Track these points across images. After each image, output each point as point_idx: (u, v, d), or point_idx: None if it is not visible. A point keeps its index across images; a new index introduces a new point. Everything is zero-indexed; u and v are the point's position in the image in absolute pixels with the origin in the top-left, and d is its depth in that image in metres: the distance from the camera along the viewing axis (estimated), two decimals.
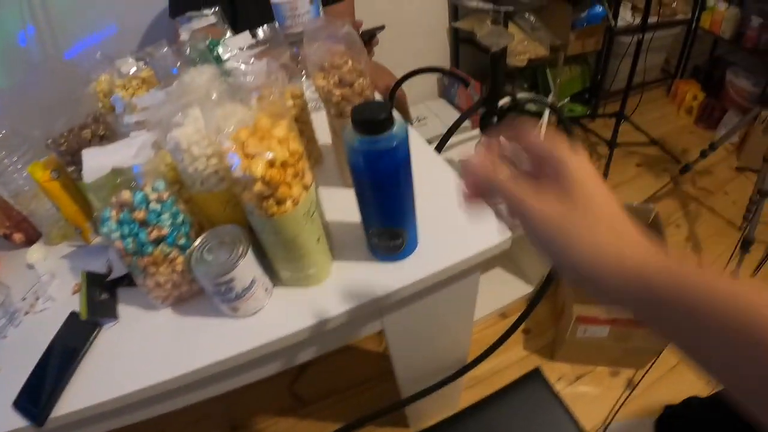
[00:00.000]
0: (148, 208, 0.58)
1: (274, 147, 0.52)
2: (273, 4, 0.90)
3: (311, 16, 0.89)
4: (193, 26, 0.94)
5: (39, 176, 0.74)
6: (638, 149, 2.38)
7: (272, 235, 0.59)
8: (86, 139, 0.76)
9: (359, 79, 0.66)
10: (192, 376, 0.60)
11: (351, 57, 0.67)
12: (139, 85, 0.87)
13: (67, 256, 0.82)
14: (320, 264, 0.65)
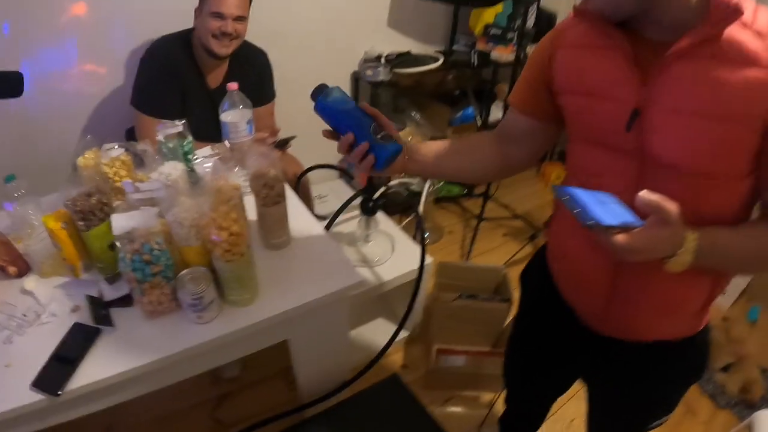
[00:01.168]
0: (152, 253, 1.07)
1: (232, 223, 1.04)
2: (221, 122, 1.43)
3: (246, 132, 1.43)
4: (167, 131, 1.44)
5: (52, 225, 1.17)
6: (506, 222, 3.08)
7: (227, 273, 1.09)
8: (93, 204, 1.18)
9: (277, 184, 1.21)
10: (173, 358, 1.08)
11: (272, 167, 1.22)
12: (120, 166, 1.32)
13: (60, 286, 1.24)
14: (252, 292, 1.16)
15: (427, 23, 2.99)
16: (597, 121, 0.95)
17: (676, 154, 0.86)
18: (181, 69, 1.90)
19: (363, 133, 0.99)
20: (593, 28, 0.93)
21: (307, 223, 1.45)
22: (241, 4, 1.84)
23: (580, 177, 1.03)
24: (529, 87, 1.10)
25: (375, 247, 1.88)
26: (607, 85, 0.91)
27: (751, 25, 0.80)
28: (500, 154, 1.17)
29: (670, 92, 0.84)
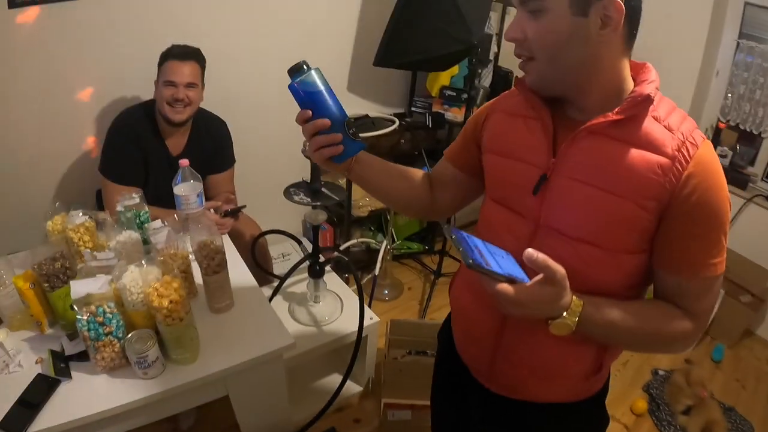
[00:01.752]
0: (104, 316, 1.25)
1: (172, 292, 1.23)
2: (174, 195, 1.64)
3: (197, 204, 1.64)
4: (125, 201, 1.64)
5: (20, 285, 1.34)
6: None
7: (168, 335, 1.27)
8: (57, 268, 1.37)
9: (217, 255, 1.40)
10: (122, 408, 1.24)
11: (213, 240, 1.42)
12: (84, 232, 1.50)
13: (27, 339, 1.40)
14: (192, 352, 1.34)
15: (385, 87, 3.24)
16: (508, 182, 1.06)
17: (566, 220, 0.96)
18: (144, 138, 2.12)
19: (338, 124, 1.01)
20: (526, 101, 1.03)
21: (251, 288, 1.64)
22: (192, 73, 2.08)
23: (483, 232, 1.14)
24: (463, 142, 1.23)
25: (324, 307, 2.06)
26: (523, 150, 1.03)
27: (663, 120, 0.91)
28: (429, 195, 1.28)
29: (575, 163, 0.94)
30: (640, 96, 0.89)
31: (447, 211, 1.35)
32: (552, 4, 0.86)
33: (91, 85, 2.32)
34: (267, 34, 2.69)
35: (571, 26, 0.86)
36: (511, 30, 0.93)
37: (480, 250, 0.86)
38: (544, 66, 0.92)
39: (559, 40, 0.88)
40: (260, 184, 2.73)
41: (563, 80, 0.94)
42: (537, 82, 0.96)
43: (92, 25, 2.20)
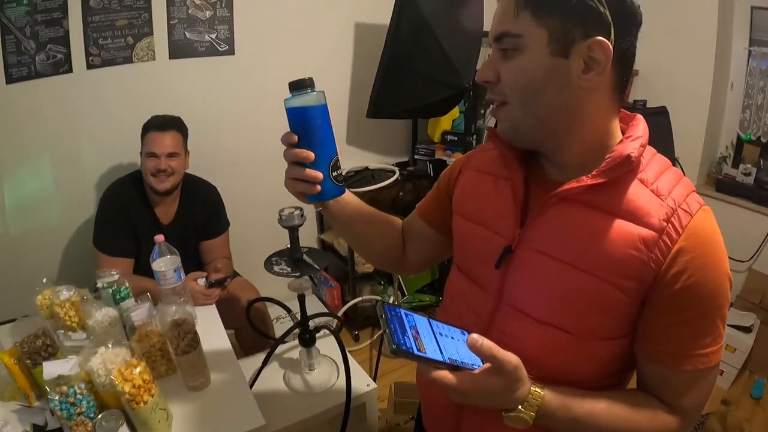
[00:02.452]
0: (75, 396, 1.32)
1: (135, 376, 1.29)
2: (154, 271, 1.72)
3: (175, 280, 1.72)
4: (105, 279, 1.73)
5: (6, 360, 1.39)
6: None
7: (134, 417, 1.32)
8: (38, 346, 1.42)
9: (188, 335, 1.46)
10: None
11: (185, 319, 1.48)
12: (70, 307, 1.57)
13: (16, 411, 1.44)
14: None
15: (386, 136, 3.33)
16: (472, 250, 0.99)
17: (530, 299, 0.87)
18: (133, 208, 2.22)
19: (323, 161, 0.94)
20: (500, 156, 0.95)
21: (230, 365, 1.66)
22: (173, 143, 2.19)
23: (446, 302, 1.10)
24: (435, 197, 1.17)
25: (320, 373, 2.06)
26: (490, 217, 0.95)
27: (650, 183, 0.81)
28: (402, 247, 1.23)
29: (543, 233, 0.85)
30: (620, 157, 0.79)
31: (417, 267, 1.29)
32: (529, 42, 0.79)
33: (86, 156, 2.48)
34: (257, 95, 2.82)
35: (549, 68, 0.79)
36: (482, 71, 0.86)
37: (418, 331, 0.76)
38: (517, 112, 0.84)
39: (533, 82, 0.80)
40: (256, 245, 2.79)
41: (538, 129, 0.84)
42: (510, 131, 0.88)
43: (83, 98, 2.38)
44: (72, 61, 2.31)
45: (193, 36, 2.57)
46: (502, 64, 0.83)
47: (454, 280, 1.08)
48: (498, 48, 0.83)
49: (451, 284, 1.09)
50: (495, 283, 0.92)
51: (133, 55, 2.44)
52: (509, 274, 0.90)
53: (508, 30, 0.80)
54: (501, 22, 0.82)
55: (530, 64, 0.79)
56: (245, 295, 2.35)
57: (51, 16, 2.21)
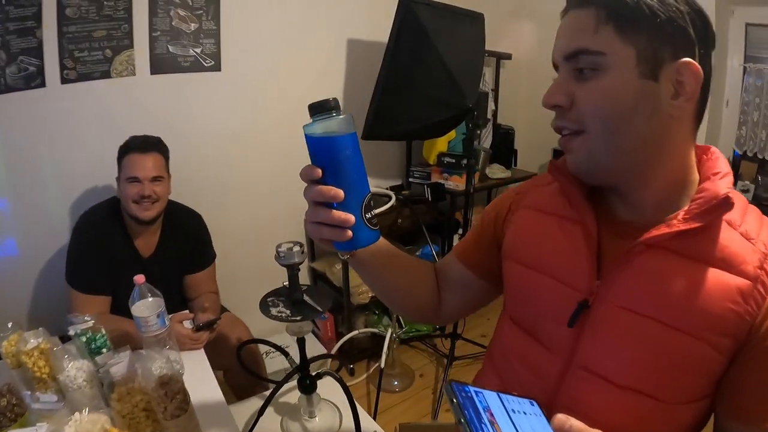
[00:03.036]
0: None
1: None
2: (134, 317, 1.49)
3: (158, 326, 1.48)
4: (78, 325, 1.50)
5: None
6: (480, 357, 3.03)
7: None
8: (3, 406, 1.20)
9: (177, 395, 1.24)
10: None
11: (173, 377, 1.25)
12: (38, 356, 1.34)
13: None
14: None
15: (379, 158, 3.16)
16: (535, 304, 0.88)
17: (611, 362, 0.77)
18: (110, 240, 1.98)
19: (355, 200, 0.77)
20: (561, 194, 0.87)
21: (222, 418, 1.44)
22: (156, 165, 1.96)
23: (498, 359, 0.98)
24: (478, 239, 1.05)
25: (321, 421, 1.87)
26: (558, 266, 0.84)
27: (739, 226, 0.74)
28: (437, 296, 1.08)
29: (629, 287, 0.76)
30: (715, 198, 0.72)
31: (453, 316, 1.15)
32: (614, 61, 0.70)
33: (58, 178, 2.24)
34: (244, 115, 2.64)
35: (639, 91, 0.70)
36: (552, 94, 0.76)
37: (492, 413, 0.67)
38: (597, 142, 0.74)
39: (620, 107, 0.71)
40: (245, 278, 2.61)
41: (620, 163, 0.76)
42: (585, 165, 0.78)
43: (57, 115, 2.15)
44: (45, 75, 2.08)
45: (176, 50, 2.37)
46: (578, 87, 0.74)
47: (508, 336, 0.96)
48: (571, 67, 0.75)
49: (505, 340, 0.97)
50: (565, 343, 0.82)
51: (112, 70, 2.22)
52: (584, 332, 0.80)
53: (586, 47, 0.72)
54: (575, 38, 0.74)
55: (617, 87, 0.71)
56: (234, 334, 2.13)
57: (24, 25, 1.98)
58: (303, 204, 0.77)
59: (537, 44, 3.47)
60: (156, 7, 2.25)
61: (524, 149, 3.63)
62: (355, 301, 2.74)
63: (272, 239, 1.58)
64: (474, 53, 2.63)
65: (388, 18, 2.42)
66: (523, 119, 3.73)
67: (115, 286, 1.99)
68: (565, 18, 0.77)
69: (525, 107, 3.75)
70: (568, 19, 0.76)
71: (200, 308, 1.94)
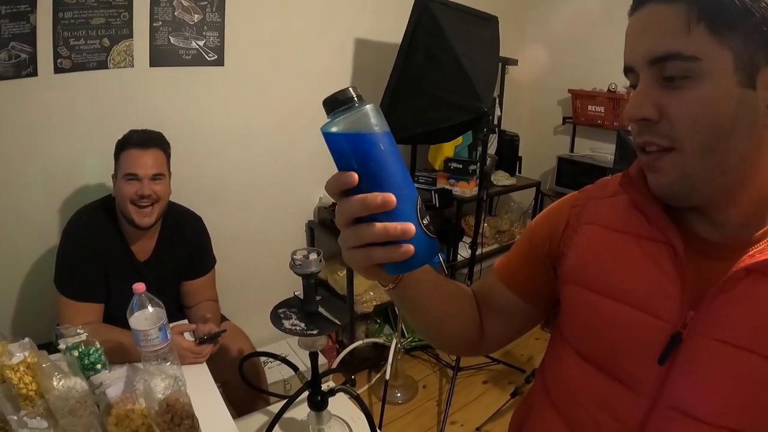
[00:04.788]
0: None
1: None
2: (132, 330, 1.32)
3: (160, 340, 1.32)
4: (68, 339, 1.33)
5: None
6: (484, 367, 2.93)
7: None
8: None
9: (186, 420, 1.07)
10: None
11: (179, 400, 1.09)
12: (25, 371, 1.18)
13: None
14: None
15: None
16: (614, 338, 0.76)
17: (708, 401, 0.68)
18: (104, 243, 1.80)
19: (409, 206, 0.60)
20: (634, 209, 0.77)
21: None
22: (157, 162, 1.78)
23: (561, 398, 0.85)
24: (524, 259, 0.92)
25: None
26: (641, 293, 0.73)
27: None
28: (480, 324, 0.93)
29: (728, 318, 0.67)
30: None
31: (496, 345, 0.98)
32: (711, 68, 0.60)
33: (48, 174, 2.08)
34: (248, 112, 2.50)
35: (739, 102, 0.61)
36: (637, 106, 0.65)
37: None
38: (694, 161, 0.64)
39: (720, 121, 0.61)
40: (245, 284, 2.45)
41: (714, 185, 0.66)
42: (676, 187, 0.67)
43: (49, 107, 1.99)
44: (37, 63, 1.90)
45: (178, 42, 2.21)
46: (667, 97, 0.63)
47: (575, 373, 0.82)
48: (657, 75, 0.64)
49: (570, 377, 0.83)
50: (653, 381, 0.70)
51: (109, 60, 2.05)
52: (675, 369, 0.69)
53: (679, 50, 0.61)
54: (662, 39, 0.63)
55: (716, 97, 0.61)
56: (236, 345, 1.97)
57: (17, 9, 1.81)
58: (307, 206, 0.61)
59: (543, 51, 3.37)
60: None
61: (528, 156, 3.50)
62: (358, 310, 2.59)
63: (274, 243, 1.44)
64: (489, 56, 2.51)
65: (397, 19, 2.33)
66: (526, 126, 3.62)
67: (108, 292, 1.81)
68: (642, 13, 0.66)
69: (528, 114, 3.64)
70: (649, 15, 0.65)
71: (201, 319, 1.75)
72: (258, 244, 2.56)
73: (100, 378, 1.23)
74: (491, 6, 2.74)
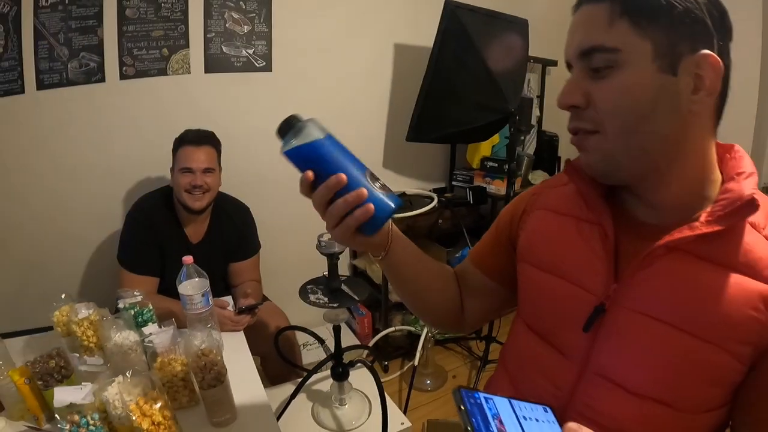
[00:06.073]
0: (88, 427, 1.17)
1: (156, 411, 1.13)
2: (180, 294, 1.58)
3: (202, 305, 1.57)
4: (127, 299, 1.59)
5: (16, 379, 1.27)
6: None
7: None
8: (51, 367, 1.31)
9: (214, 367, 1.30)
10: None
11: (211, 350, 1.32)
12: (88, 326, 1.45)
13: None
14: None
15: (424, 161, 3.21)
16: (550, 308, 0.85)
17: (627, 369, 0.74)
18: (161, 226, 2.10)
19: (358, 178, 0.77)
20: (578, 195, 0.84)
21: (259, 400, 1.49)
22: (208, 158, 2.07)
23: (511, 364, 0.95)
24: (492, 242, 1.02)
25: (350, 409, 1.91)
26: (574, 269, 0.81)
27: (763, 228, 0.70)
28: (460, 301, 1.06)
29: (647, 292, 0.73)
30: (739, 199, 0.68)
31: (475, 323, 1.10)
32: (630, 57, 0.67)
33: (114, 167, 2.39)
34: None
35: (658, 88, 0.67)
36: (567, 94, 0.73)
37: (501, 420, 0.65)
38: (614, 142, 0.71)
39: (639, 105, 0.68)
40: (287, 270, 2.69)
41: (638, 163, 0.72)
42: (601, 165, 0.75)
43: (115, 109, 2.30)
44: (105, 71, 2.22)
45: (229, 50, 2.48)
46: (593, 86, 0.71)
47: (522, 341, 0.92)
48: (586, 66, 0.71)
49: (519, 345, 0.94)
50: (581, 349, 0.79)
51: (168, 68, 2.35)
52: (600, 338, 0.76)
53: (601, 43, 0.69)
54: (589, 34, 0.70)
55: (635, 84, 0.68)
56: (274, 322, 2.21)
57: (86, 24, 2.13)
58: None
59: None
60: (211, 10, 2.38)
61: (569, 156, 3.58)
62: (393, 299, 2.77)
63: (314, 234, 1.64)
64: (517, 58, 2.66)
65: (433, 23, 2.49)
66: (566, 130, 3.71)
67: (163, 268, 2.11)
68: (577, 13, 0.73)
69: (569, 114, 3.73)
70: (580, 15, 0.73)
71: (242, 294, 2.02)
72: (300, 233, 2.75)
73: (149, 329, 1.48)
74: (530, 9, 2.90)
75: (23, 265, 2.32)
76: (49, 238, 2.33)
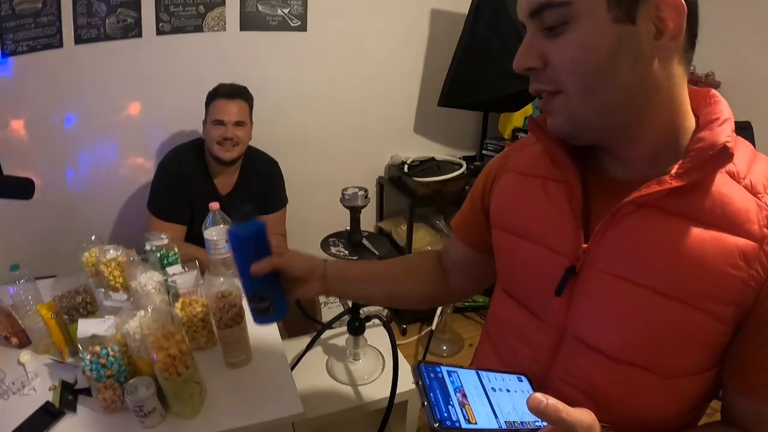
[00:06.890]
0: (107, 358, 1.25)
1: (173, 346, 1.20)
2: (205, 239, 1.65)
3: (226, 250, 1.63)
4: (154, 242, 1.67)
5: (44, 314, 1.37)
6: None
7: (166, 388, 1.24)
8: (78, 302, 1.39)
9: (232, 308, 1.36)
10: None
11: (231, 291, 1.39)
12: (115, 266, 1.54)
13: (48, 365, 1.42)
14: (192, 407, 1.28)
15: (456, 129, 3.22)
16: (522, 272, 0.83)
17: (603, 333, 0.72)
18: (192, 176, 2.19)
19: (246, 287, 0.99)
20: (545, 154, 0.80)
21: (274, 344, 1.57)
22: (240, 111, 2.14)
23: (493, 332, 0.94)
24: (469, 211, 1.00)
25: (364, 365, 1.97)
26: (543, 231, 0.78)
27: (743, 178, 0.65)
28: (442, 280, 1.08)
29: (617, 252, 0.69)
30: (711, 148, 0.63)
31: (464, 294, 1.13)
32: (582, 10, 0.61)
33: (148, 120, 2.49)
34: (326, 74, 2.77)
35: (615, 39, 0.61)
36: (521, 57, 0.68)
37: (465, 393, 0.64)
38: (577, 101, 0.66)
39: (598, 59, 0.63)
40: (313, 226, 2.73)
41: (605, 120, 0.67)
42: (567, 126, 0.70)
43: (151, 64, 2.38)
44: (142, 26, 2.29)
45: (265, 9, 2.52)
46: (549, 45, 0.66)
47: (500, 307, 0.90)
48: (539, 25, 0.66)
49: (498, 312, 0.92)
50: (557, 313, 0.76)
51: (204, 24, 2.41)
52: (574, 301, 0.74)
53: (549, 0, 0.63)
54: None
55: (590, 38, 0.62)
56: None
57: None
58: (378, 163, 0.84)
59: None
60: None
61: None
62: None
63: (338, 191, 1.69)
64: None
65: None
66: None
67: (191, 217, 2.21)
68: None
69: None
70: None
71: None
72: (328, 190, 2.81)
73: (173, 269, 1.56)
74: None
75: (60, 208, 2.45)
76: (84, 184, 2.46)
